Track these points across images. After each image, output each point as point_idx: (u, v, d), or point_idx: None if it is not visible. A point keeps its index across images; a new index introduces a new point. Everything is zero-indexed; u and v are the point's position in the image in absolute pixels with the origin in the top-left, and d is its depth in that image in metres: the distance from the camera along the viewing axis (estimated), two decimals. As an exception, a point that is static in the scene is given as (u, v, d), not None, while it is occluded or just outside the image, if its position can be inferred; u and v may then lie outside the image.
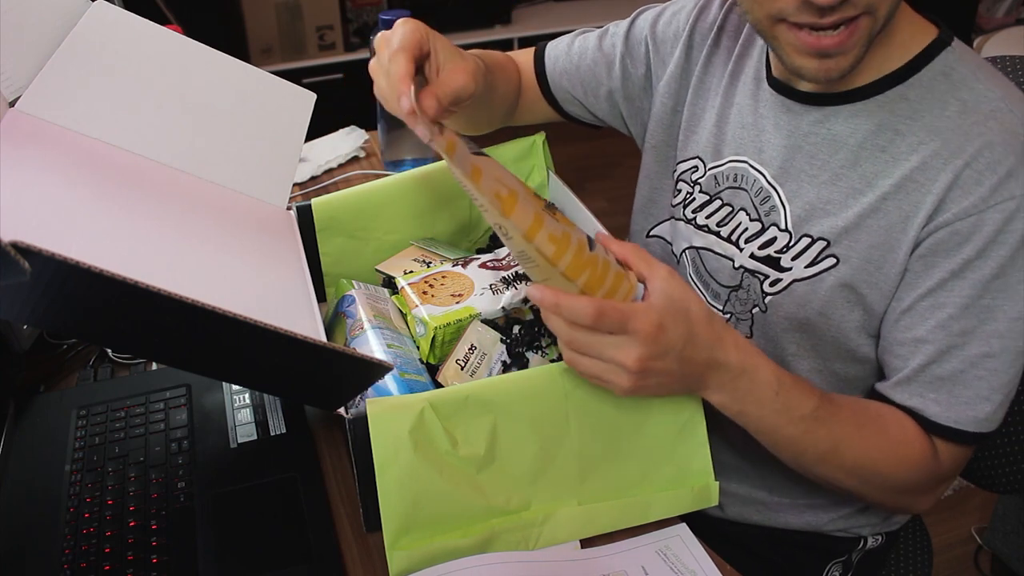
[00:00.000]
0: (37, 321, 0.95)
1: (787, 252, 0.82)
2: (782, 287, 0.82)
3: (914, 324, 0.75)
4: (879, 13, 0.69)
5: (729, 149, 0.88)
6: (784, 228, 0.82)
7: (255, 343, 0.70)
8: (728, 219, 0.87)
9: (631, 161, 1.30)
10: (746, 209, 0.85)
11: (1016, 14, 3.82)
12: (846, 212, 0.77)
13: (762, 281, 0.84)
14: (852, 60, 0.71)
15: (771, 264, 0.83)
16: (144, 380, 0.97)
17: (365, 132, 1.53)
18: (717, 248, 0.88)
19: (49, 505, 0.81)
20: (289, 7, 3.11)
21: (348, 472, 0.85)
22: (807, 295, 0.81)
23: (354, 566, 0.76)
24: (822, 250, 0.79)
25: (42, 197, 0.75)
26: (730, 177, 0.87)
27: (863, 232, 0.77)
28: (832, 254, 0.78)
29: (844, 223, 0.78)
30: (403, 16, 1.33)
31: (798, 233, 0.81)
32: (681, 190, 0.93)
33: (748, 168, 0.85)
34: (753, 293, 0.85)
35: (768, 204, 0.83)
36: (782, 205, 0.82)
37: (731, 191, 0.87)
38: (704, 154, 0.91)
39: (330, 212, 1.01)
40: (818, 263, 0.79)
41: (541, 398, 0.74)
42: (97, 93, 0.93)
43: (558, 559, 0.75)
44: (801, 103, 0.81)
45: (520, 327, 0.88)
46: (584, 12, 3.59)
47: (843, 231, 0.78)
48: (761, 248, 0.84)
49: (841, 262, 0.78)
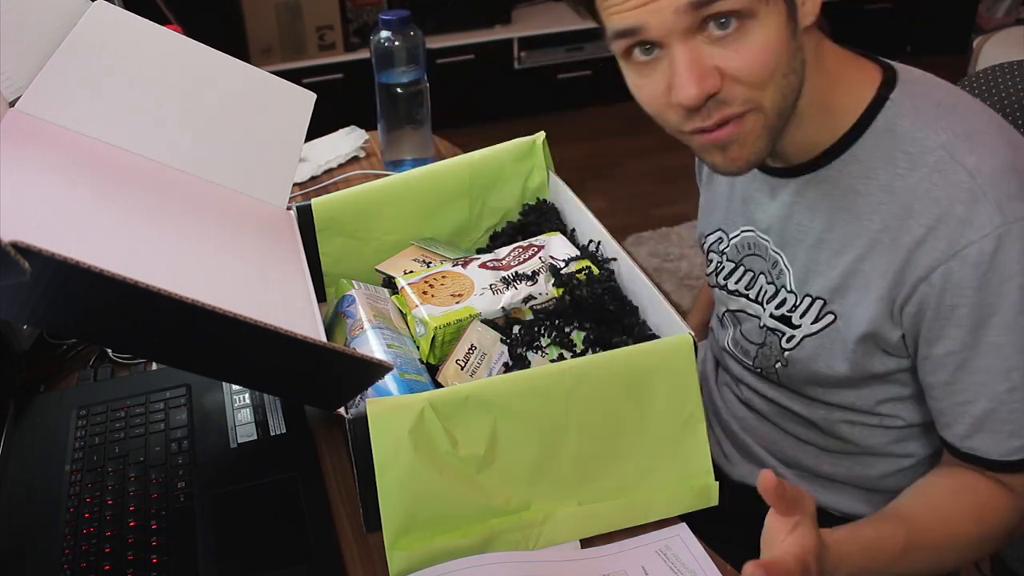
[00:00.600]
0: (37, 321, 0.95)
1: (796, 311, 0.86)
2: (796, 343, 0.87)
3: (937, 369, 0.78)
4: (766, 106, 0.71)
5: (740, 220, 0.93)
6: (791, 289, 0.86)
7: (255, 343, 0.70)
8: (752, 283, 0.93)
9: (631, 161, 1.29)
10: (764, 273, 0.91)
11: (1016, 14, 3.82)
12: (832, 272, 0.81)
13: (780, 338, 0.89)
14: (754, 149, 0.73)
15: (785, 323, 0.88)
16: (144, 380, 0.97)
17: (365, 132, 1.53)
18: (749, 309, 0.93)
19: (49, 505, 0.81)
20: (289, 7, 3.11)
21: (348, 472, 0.85)
22: (817, 349, 0.85)
23: (354, 566, 0.76)
24: (821, 308, 0.83)
25: (42, 197, 0.75)
26: (746, 245, 0.93)
27: (850, 292, 0.80)
28: (831, 311, 0.83)
29: (832, 283, 0.82)
30: (403, 16, 1.33)
31: (801, 293, 0.85)
32: (712, 260, 0.99)
33: (757, 237, 0.90)
34: (775, 349, 0.90)
35: (776, 269, 0.88)
36: (786, 268, 0.87)
37: (750, 258, 0.93)
38: (724, 225, 0.96)
39: (330, 212, 1.01)
40: (821, 319, 0.84)
41: (541, 398, 0.74)
42: (97, 93, 0.93)
43: (558, 559, 0.75)
44: (779, 177, 0.85)
45: (520, 327, 0.88)
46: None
47: (833, 291, 0.82)
48: (777, 308, 0.89)
49: (838, 318, 0.82)
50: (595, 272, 0.92)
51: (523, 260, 0.94)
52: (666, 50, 0.69)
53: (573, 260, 0.94)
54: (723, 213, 0.96)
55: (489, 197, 1.07)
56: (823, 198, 0.81)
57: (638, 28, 0.69)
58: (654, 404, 0.77)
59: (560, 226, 1.04)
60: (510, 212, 1.09)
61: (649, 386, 0.76)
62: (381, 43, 1.32)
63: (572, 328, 0.88)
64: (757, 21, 0.68)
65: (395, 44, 1.32)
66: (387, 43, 1.32)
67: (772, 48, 0.69)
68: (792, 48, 0.71)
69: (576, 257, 0.94)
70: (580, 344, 0.87)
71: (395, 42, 1.32)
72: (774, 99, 0.71)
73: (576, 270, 0.92)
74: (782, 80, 0.71)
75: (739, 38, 0.68)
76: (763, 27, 0.68)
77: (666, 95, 0.71)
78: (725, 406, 1.04)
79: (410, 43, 1.32)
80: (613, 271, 0.94)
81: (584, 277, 0.91)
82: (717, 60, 0.68)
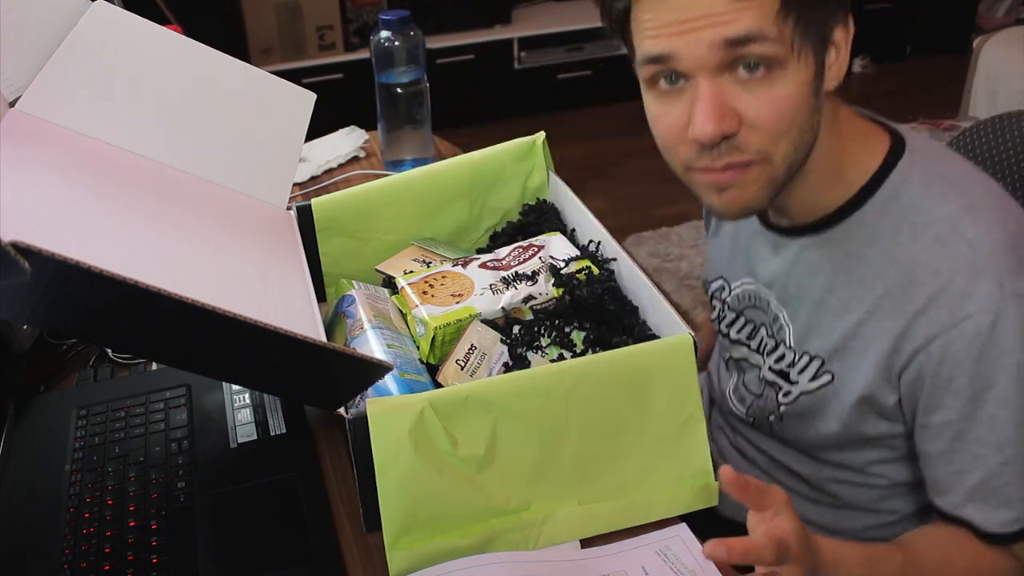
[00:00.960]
0: (37, 321, 0.95)
1: (794, 367, 0.87)
2: (792, 399, 0.87)
3: (934, 438, 0.78)
4: (775, 159, 0.72)
5: (742, 271, 0.94)
6: (790, 346, 0.87)
7: (255, 343, 0.70)
8: (754, 334, 0.93)
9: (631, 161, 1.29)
10: (765, 325, 0.91)
11: (1016, 14, 3.82)
12: (832, 334, 0.82)
13: (777, 392, 0.89)
14: (752, 196, 0.74)
15: (783, 377, 0.88)
16: (144, 380, 0.97)
17: (365, 132, 1.53)
18: (751, 359, 0.94)
19: (49, 505, 0.81)
20: (289, 7, 3.11)
21: (348, 472, 0.85)
22: (812, 407, 0.86)
23: (354, 566, 0.76)
24: (819, 367, 0.84)
25: (42, 197, 0.75)
26: (747, 297, 0.93)
27: (849, 354, 0.81)
28: (828, 371, 0.83)
29: (832, 344, 0.82)
30: (403, 16, 1.33)
31: (800, 350, 0.86)
32: (715, 307, 0.99)
33: (759, 289, 0.91)
34: (770, 403, 0.91)
35: (777, 324, 0.88)
36: (787, 324, 0.87)
37: (751, 310, 0.93)
38: (726, 274, 0.97)
39: (330, 212, 1.01)
40: (818, 378, 0.84)
41: (541, 398, 0.74)
42: (97, 93, 0.93)
43: (558, 559, 0.75)
44: (783, 235, 0.85)
45: (520, 327, 0.88)
46: (585, 12, 3.59)
47: (833, 351, 0.82)
48: (776, 362, 0.89)
49: (836, 379, 0.83)
50: (595, 272, 0.92)
51: (523, 260, 0.94)
52: (692, 82, 0.70)
53: (573, 260, 0.94)
54: (726, 262, 0.97)
55: (489, 197, 1.07)
56: (826, 260, 0.82)
57: (670, 56, 0.69)
58: (654, 404, 0.77)
59: (560, 226, 1.04)
60: (510, 212, 1.09)
61: (649, 386, 0.76)
62: (381, 43, 1.32)
63: (572, 328, 0.88)
64: (785, 72, 0.69)
65: (395, 44, 1.32)
66: (387, 43, 1.32)
67: (794, 102, 0.70)
68: (812, 106, 0.72)
69: (576, 257, 0.94)
70: (580, 344, 0.87)
71: (395, 42, 1.32)
72: (786, 153, 0.72)
73: (576, 270, 0.92)
74: (797, 136, 0.72)
75: (765, 85, 0.69)
76: (790, 80, 0.69)
77: (683, 128, 0.72)
78: (718, 449, 1.05)
79: (410, 43, 1.32)
80: (613, 271, 0.94)
81: (584, 277, 0.91)
82: (740, 103, 0.69)
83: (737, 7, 0.66)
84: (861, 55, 3.91)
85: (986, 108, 2.99)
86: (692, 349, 0.76)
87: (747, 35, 0.66)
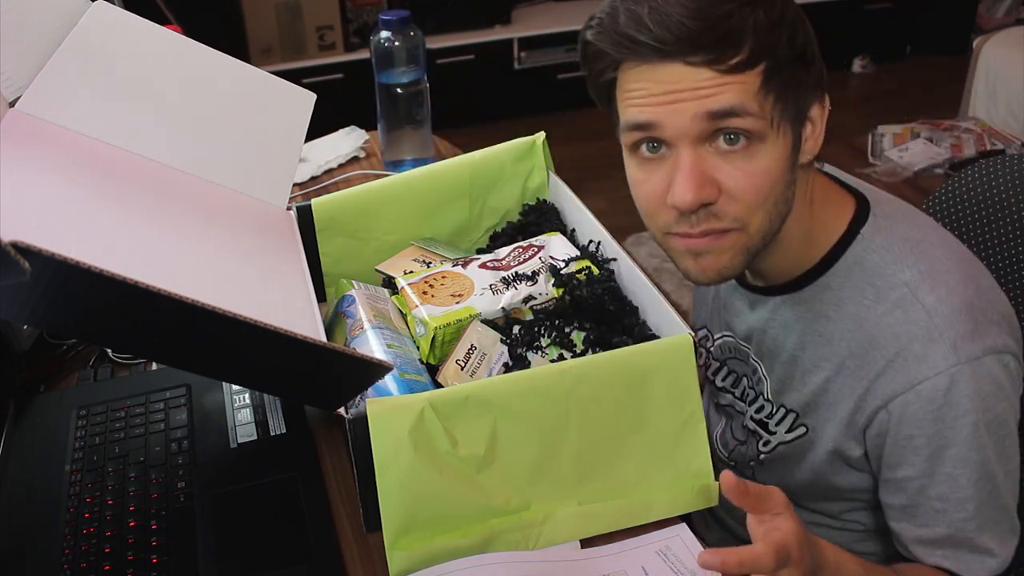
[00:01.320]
0: (37, 321, 0.95)
1: (772, 419, 0.90)
2: (771, 448, 0.90)
3: (898, 492, 0.80)
4: (751, 228, 0.74)
5: (721, 325, 0.96)
6: (767, 398, 0.90)
7: (255, 343, 0.70)
8: (737, 383, 0.95)
9: (631, 161, 1.29)
10: (746, 376, 0.94)
11: (1016, 14, 3.82)
12: (804, 389, 0.85)
13: (758, 441, 0.92)
14: (727, 263, 0.76)
15: (763, 427, 0.91)
16: (144, 380, 0.97)
17: (365, 132, 1.53)
18: (737, 406, 0.96)
19: (49, 505, 0.81)
20: (289, 7, 3.11)
21: (348, 472, 0.85)
22: (789, 457, 0.89)
23: (354, 566, 0.76)
24: (795, 420, 0.87)
25: (42, 197, 0.75)
26: (728, 349, 0.96)
27: (820, 408, 0.84)
28: (803, 424, 0.86)
29: (804, 399, 0.85)
30: (403, 16, 1.33)
31: (777, 403, 0.89)
32: (702, 355, 1.01)
33: (737, 343, 0.94)
34: (751, 450, 0.93)
35: (756, 376, 0.91)
36: (764, 378, 0.90)
37: (733, 360, 0.96)
38: (709, 325, 0.99)
39: (330, 212, 1.01)
40: (794, 430, 0.87)
41: (541, 398, 0.74)
42: (97, 93, 0.93)
43: (558, 559, 0.75)
44: (758, 294, 0.88)
45: (520, 327, 0.88)
46: (584, 12, 3.58)
47: (805, 406, 0.85)
48: (756, 412, 0.92)
49: (810, 431, 0.85)
50: (595, 272, 0.92)
51: (523, 260, 0.94)
52: (673, 151, 0.72)
53: (573, 260, 0.94)
54: (708, 313, 0.99)
55: (489, 197, 1.07)
56: (797, 319, 0.84)
57: (653, 124, 0.72)
58: (654, 404, 0.77)
59: (560, 226, 1.04)
60: (510, 212, 1.09)
61: (649, 386, 0.76)
62: (381, 43, 1.32)
63: (572, 328, 0.88)
64: (764, 146, 0.71)
65: (395, 44, 1.32)
66: (387, 43, 1.32)
67: (771, 175, 0.73)
68: (787, 180, 0.75)
69: (576, 257, 0.94)
70: (580, 344, 0.87)
71: (395, 42, 1.32)
72: (761, 223, 0.74)
73: (576, 270, 0.92)
74: (772, 208, 0.74)
75: (744, 157, 0.71)
76: (768, 153, 0.72)
77: (663, 194, 0.74)
78: None
79: (410, 43, 1.32)
80: (613, 271, 0.94)
81: (584, 277, 0.91)
82: (719, 173, 0.72)
83: (721, 82, 0.69)
84: (861, 55, 3.91)
85: (986, 108, 2.99)
86: (692, 349, 0.76)
87: (730, 109, 0.69)
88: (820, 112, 0.76)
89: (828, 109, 0.77)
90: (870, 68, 3.91)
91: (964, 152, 2.75)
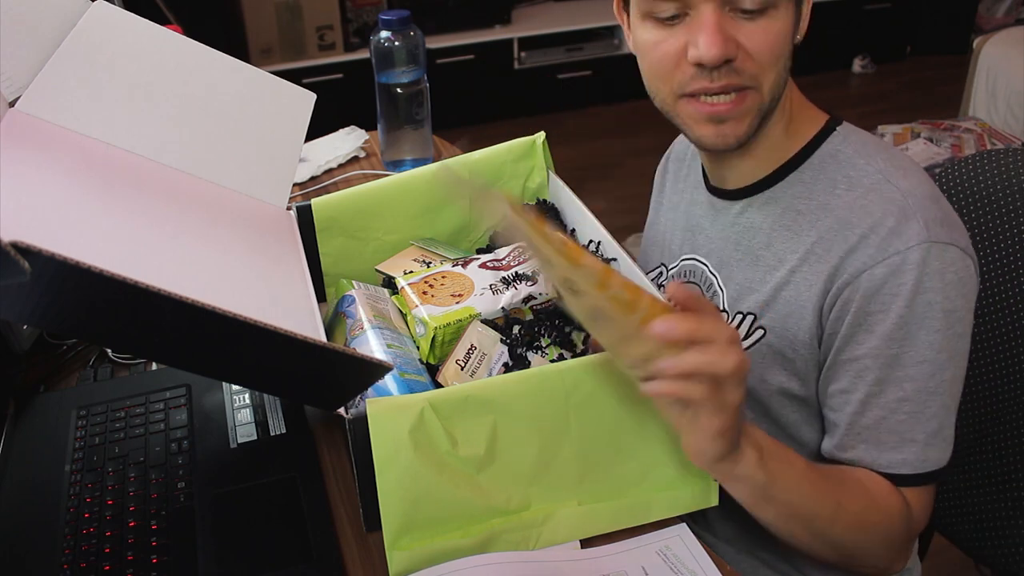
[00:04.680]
0: (37, 321, 0.95)
1: None
2: None
3: (837, 377, 0.81)
4: (764, 89, 0.78)
5: (681, 250, 0.98)
6: (723, 309, 0.90)
7: (255, 343, 0.70)
8: None
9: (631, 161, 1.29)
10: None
11: (1016, 14, 3.82)
12: (765, 287, 0.86)
13: None
14: (745, 128, 0.80)
15: None
16: (144, 380, 0.97)
17: (365, 132, 1.53)
18: None
19: (49, 505, 0.81)
20: (289, 7, 3.11)
21: (348, 472, 0.85)
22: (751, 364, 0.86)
23: (354, 566, 0.76)
24: (752, 323, 0.87)
25: (42, 197, 0.75)
26: (684, 273, 0.97)
27: (779, 303, 0.84)
28: (760, 326, 0.86)
29: (764, 297, 0.86)
30: (403, 16, 1.33)
31: (733, 311, 0.89)
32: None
33: (695, 263, 0.95)
34: None
35: (711, 290, 0.92)
36: (721, 290, 0.91)
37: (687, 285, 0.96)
38: (665, 259, 1.02)
39: (330, 212, 1.01)
40: (750, 335, 0.87)
41: (541, 398, 0.74)
42: (97, 93, 0.93)
43: (558, 559, 0.75)
44: (727, 199, 0.90)
45: (520, 327, 0.88)
46: (584, 12, 3.59)
47: (764, 304, 0.86)
48: None
49: (768, 332, 0.86)
50: (595, 272, 0.92)
51: (523, 260, 0.94)
52: (693, 13, 0.76)
53: (573, 260, 0.94)
54: (665, 245, 1.01)
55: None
56: (764, 217, 0.87)
57: None
58: (654, 404, 0.76)
59: (560, 226, 1.04)
60: (510, 212, 1.08)
61: (649, 386, 0.76)
62: (381, 43, 1.32)
63: (572, 328, 0.88)
64: (778, 11, 0.76)
65: (395, 44, 1.32)
66: (387, 43, 1.32)
67: (782, 38, 0.77)
68: (789, 52, 0.79)
69: (576, 257, 0.94)
70: (580, 344, 0.87)
71: (395, 42, 1.32)
72: (773, 84, 0.79)
73: (576, 270, 0.92)
74: (781, 72, 0.79)
75: (762, 20, 0.76)
76: (780, 18, 0.77)
77: (680, 53, 0.77)
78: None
79: (410, 43, 1.32)
80: (613, 271, 0.94)
81: (584, 277, 0.91)
82: (738, 33, 0.76)
83: None
84: (861, 55, 3.91)
85: (986, 108, 2.99)
86: (692, 349, 0.76)
87: None
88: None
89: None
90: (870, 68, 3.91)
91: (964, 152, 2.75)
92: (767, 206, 0.86)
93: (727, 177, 0.90)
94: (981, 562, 1.09)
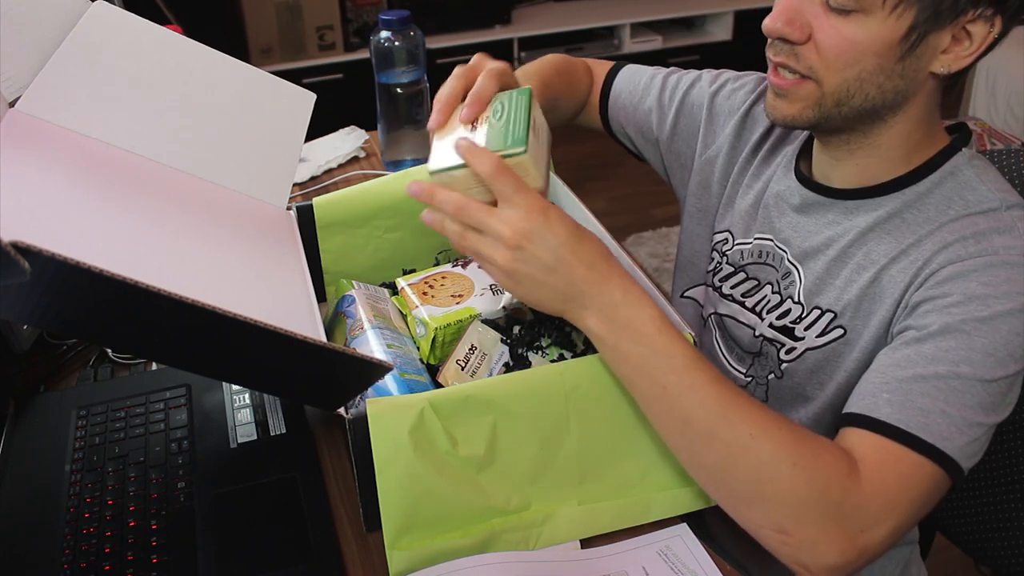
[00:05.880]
0: (37, 321, 0.95)
1: (800, 323, 0.87)
2: (796, 355, 0.88)
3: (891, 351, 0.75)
4: (825, 85, 0.77)
5: (758, 228, 0.94)
6: (798, 300, 0.88)
7: (255, 343, 0.70)
8: (753, 291, 0.93)
9: (631, 161, 1.29)
10: (772, 283, 0.92)
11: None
12: (851, 287, 0.83)
13: (779, 349, 0.89)
14: (795, 112, 0.80)
15: (786, 333, 0.89)
16: (144, 380, 0.97)
17: (365, 132, 1.53)
18: (740, 317, 0.94)
19: (49, 505, 0.81)
20: (289, 7, 3.11)
21: (348, 472, 0.85)
22: (819, 363, 0.86)
23: (354, 566, 0.76)
24: (830, 321, 0.85)
25: (42, 197, 0.75)
26: (756, 253, 0.94)
27: (864, 303, 0.82)
28: (840, 325, 0.84)
29: (848, 297, 0.83)
30: (403, 16, 1.33)
31: (809, 305, 0.87)
32: (714, 259, 1.00)
33: (774, 246, 0.92)
34: (771, 360, 0.91)
35: (788, 279, 0.89)
36: (799, 280, 0.88)
37: (756, 266, 0.93)
38: (735, 229, 0.98)
39: (331, 211, 1.01)
40: (827, 333, 0.85)
41: (541, 398, 0.74)
42: (97, 93, 0.93)
43: (558, 559, 0.75)
44: (827, 197, 0.87)
45: (520, 327, 0.88)
46: (584, 12, 3.59)
47: (847, 304, 0.83)
48: (778, 318, 0.90)
49: (848, 332, 0.83)
50: (595, 272, 0.92)
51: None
52: None
53: (573, 260, 0.93)
54: (740, 216, 0.97)
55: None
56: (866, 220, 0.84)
57: None
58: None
59: (560, 226, 1.04)
60: (510, 212, 1.08)
61: (649, 386, 0.76)
62: (381, 43, 1.32)
63: (572, 328, 0.88)
64: (867, 19, 0.74)
65: (395, 44, 1.32)
66: (387, 43, 1.32)
67: (860, 47, 0.75)
68: (882, 65, 0.76)
69: (576, 257, 0.94)
70: (580, 344, 0.87)
71: (395, 42, 1.32)
72: (837, 87, 0.77)
73: (576, 270, 0.92)
74: (854, 81, 0.77)
75: (842, 20, 0.74)
76: (866, 27, 0.74)
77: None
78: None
79: (410, 43, 1.32)
80: (613, 271, 0.94)
81: (584, 277, 0.91)
82: (815, 22, 0.76)
83: None
84: (861, 55, 3.90)
85: (986, 108, 2.99)
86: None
87: None
88: (983, 31, 0.74)
89: (995, 35, 0.74)
90: (870, 68, 3.90)
91: (964, 152, 2.75)
92: (872, 211, 0.83)
93: (832, 176, 0.87)
94: (981, 562, 1.09)
